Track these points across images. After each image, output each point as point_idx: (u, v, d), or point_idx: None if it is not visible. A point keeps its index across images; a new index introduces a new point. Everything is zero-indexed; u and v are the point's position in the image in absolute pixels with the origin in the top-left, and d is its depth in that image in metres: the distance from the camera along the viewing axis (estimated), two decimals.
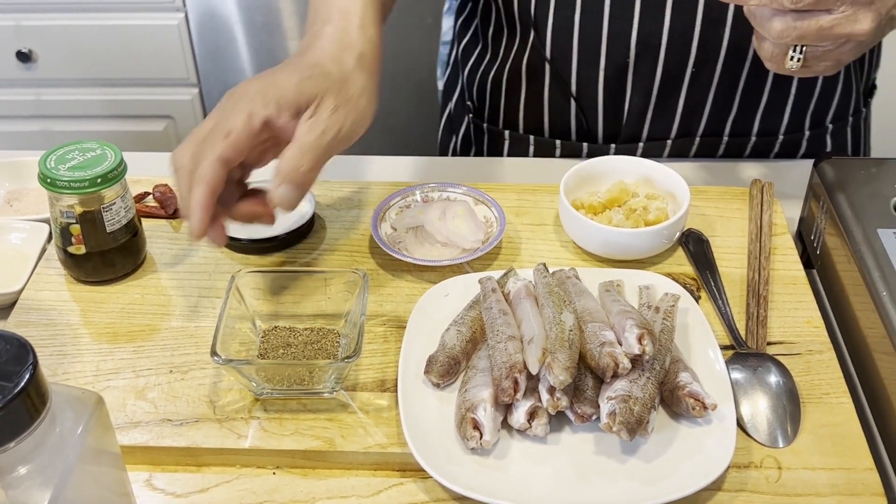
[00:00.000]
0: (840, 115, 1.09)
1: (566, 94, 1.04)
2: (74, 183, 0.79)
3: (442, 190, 0.94)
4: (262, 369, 0.73)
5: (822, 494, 0.67)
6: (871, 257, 0.78)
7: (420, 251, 0.88)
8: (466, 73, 1.15)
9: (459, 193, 0.94)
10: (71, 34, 2.05)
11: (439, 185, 0.95)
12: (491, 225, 0.91)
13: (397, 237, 0.90)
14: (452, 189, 0.94)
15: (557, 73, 1.03)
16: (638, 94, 1.02)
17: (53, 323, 0.81)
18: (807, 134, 1.08)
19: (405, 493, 0.68)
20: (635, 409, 0.67)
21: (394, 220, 0.92)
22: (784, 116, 1.05)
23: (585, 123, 1.06)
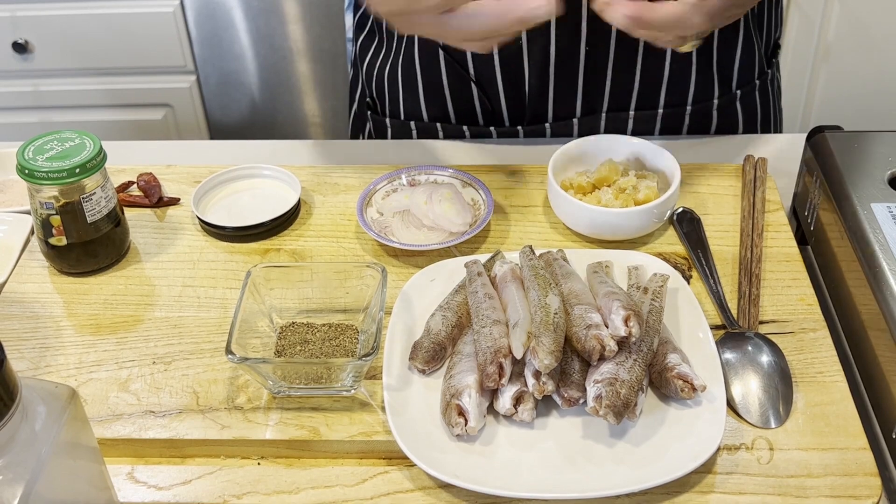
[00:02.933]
0: (746, 79, 1.07)
1: (465, 80, 1.03)
2: (53, 173, 0.78)
3: (429, 173, 0.93)
4: (279, 367, 0.71)
5: (814, 475, 0.66)
6: (866, 232, 0.76)
7: (406, 236, 0.87)
8: (365, 70, 1.13)
9: (446, 176, 0.93)
10: (67, 24, 2.04)
11: (426, 168, 0.93)
12: (479, 207, 0.89)
13: (384, 222, 0.89)
14: (439, 172, 0.93)
15: (451, 59, 1.02)
16: (535, 75, 1.01)
17: (36, 315, 0.81)
18: (716, 103, 1.06)
19: (390, 482, 0.67)
20: (622, 391, 0.66)
21: (380, 204, 0.90)
22: (689, 86, 1.04)
23: (490, 106, 1.04)
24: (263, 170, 0.94)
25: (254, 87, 2.16)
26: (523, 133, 1.06)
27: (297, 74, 2.14)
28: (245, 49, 2.10)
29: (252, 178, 0.94)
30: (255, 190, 0.93)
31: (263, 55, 2.10)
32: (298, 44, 2.09)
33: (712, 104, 1.06)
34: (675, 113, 1.06)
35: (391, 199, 0.90)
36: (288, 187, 0.93)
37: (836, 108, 1.19)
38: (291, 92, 2.17)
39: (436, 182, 0.92)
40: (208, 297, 0.82)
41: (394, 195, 0.91)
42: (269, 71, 2.13)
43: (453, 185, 0.91)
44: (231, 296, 0.82)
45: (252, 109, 2.19)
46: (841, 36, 2.06)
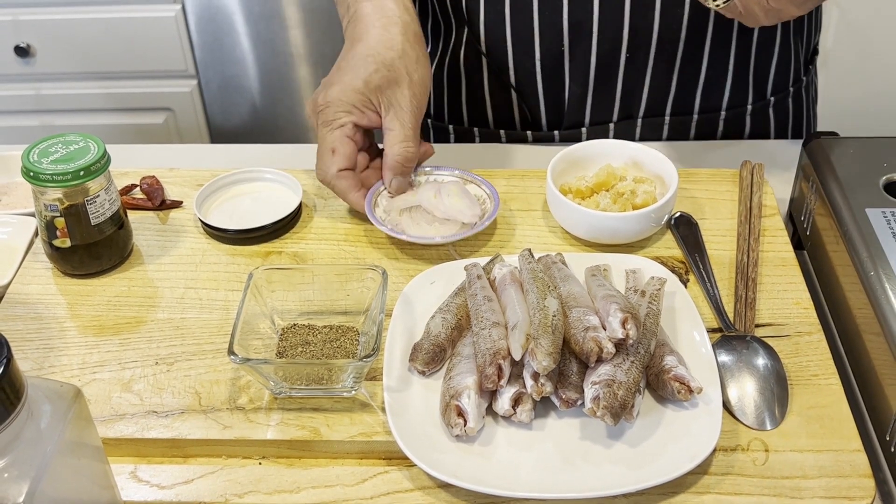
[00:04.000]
0: (781, 86, 1.09)
1: (506, 86, 1.05)
2: (57, 176, 0.78)
3: (429, 174, 0.94)
4: (281, 368, 0.72)
5: (809, 476, 0.67)
6: (861, 237, 0.77)
7: (418, 231, 0.87)
8: None
9: (448, 175, 0.93)
10: (68, 28, 2.05)
11: (426, 168, 0.94)
12: (484, 202, 0.91)
13: (393, 220, 0.89)
14: (440, 172, 0.94)
15: (494, 66, 1.04)
16: (575, 80, 1.03)
17: (40, 317, 0.81)
18: (749, 108, 1.07)
19: (390, 482, 0.68)
20: (619, 393, 0.66)
21: (385, 204, 0.91)
22: (725, 92, 1.05)
23: (528, 113, 1.06)
24: (265, 173, 0.95)
25: (255, 92, 2.16)
26: (559, 137, 1.07)
27: (298, 79, 2.15)
28: (246, 54, 2.11)
29: (254, 181, 0.95)
30: (257, 193, 0.94)
31: (264, 60, 2.11)
32: (299, 49, 2.10)
33: (746, 110, 1.07)
34: (709, 119, 1.07)
35: (397, 199, 0.91)
36: (289, 191, 0.94)
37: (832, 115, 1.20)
38: (292, 97, 2.17)
39: (438, 181, 0.93)
40: (210, 299, 0.83)
41: (399, 197, 0.91)
42: (270, 75, 2.14)
43: (458, 182, 0.92)
44: (233, 298, 0.83)
45: (253, 114, 2.20)
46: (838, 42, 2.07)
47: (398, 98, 0.86)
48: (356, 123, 0.87)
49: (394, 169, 0.88)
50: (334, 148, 0.87)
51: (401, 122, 0.86)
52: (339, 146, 0.87)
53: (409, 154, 0.87)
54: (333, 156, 0.87)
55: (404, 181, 0.89)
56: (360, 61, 0.86)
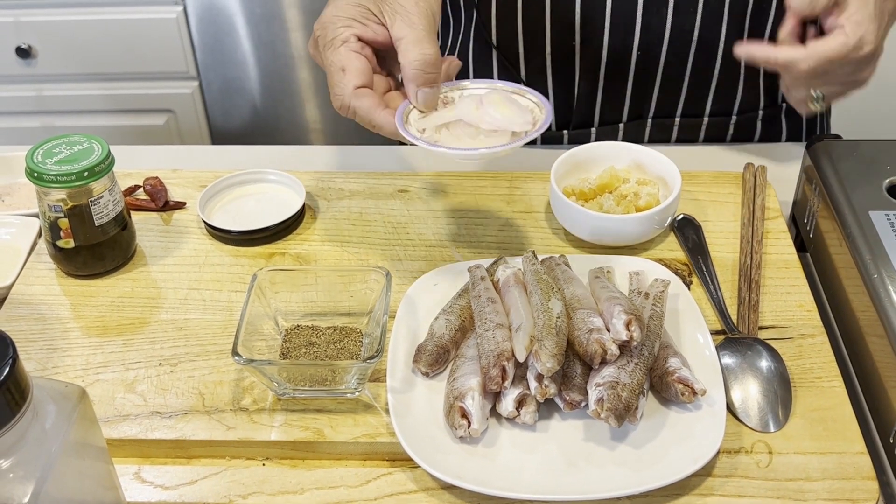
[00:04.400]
0: None
1: (516, 81, 1.04)
2: (62, 177, 0.78)
3: (461, 88, 0.80)
4: (284, 369, 0.72)
5: (813, 479, 0.67)
6: (864, 240, 0.77)
7: (461, 145, 0.74)
8: None
9: (485, 87, 0.79)
10: (70, 29, 2.05)
11: (456, 84, 0.80)
12: (533, 111, 0.78)
13: (430, 138, 0.75)
14: (476, 85, 0.80)
15: (504, 60, 1.03)
16: (585, 78, 1.02)
17: (43, 317, 0.81)
18: (760, 114, 1.07)
19: (394, 483, 0.68)
20: (623, 395, 0.66)
21: (417, 122, 0.76)
22: (736, 96, 1.05)
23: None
24: (268, 174, 0.95)
25: (256, 94, 2.16)
26: (568, 138, 1.07)
27: (299, 81, 2.15)
28: (247, 55, 2.11)
29: (257, 182, 0.95)
30: (261, 194, 0.94)
31: (265, 62, 2.11)
32: (300, 50, 2.10)
33: (757, 115, 1.07)
34: (720, 122, 1.07)
35: (431, 116, 0.77)
36: (293, 192, 0.94)
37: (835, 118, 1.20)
38: (293, 98, 2.18)
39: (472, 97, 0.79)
40: (214, 300, 0.83)
41: (432, 115, 0.77)
42: (271, 77, 2.14)
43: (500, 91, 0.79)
44: (236, 299, 0.83)
45: (254, 116, 2.20)
46: None
47: (402, 2, 0.75)
48: (360, 36, 0.76)
49: (415, 79, 0.74)
50: (343, 66, 0.75)
51: (409, 25, 0.74)
52: (347, 63, 0.75)
53: (428, 57, 0.73)
54: (345, 74, 0.74)
55: (432, 92, 0.75)
56: None
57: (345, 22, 0.76)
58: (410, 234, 0.90)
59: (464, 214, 0.92)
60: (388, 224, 0.91)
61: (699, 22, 0.99)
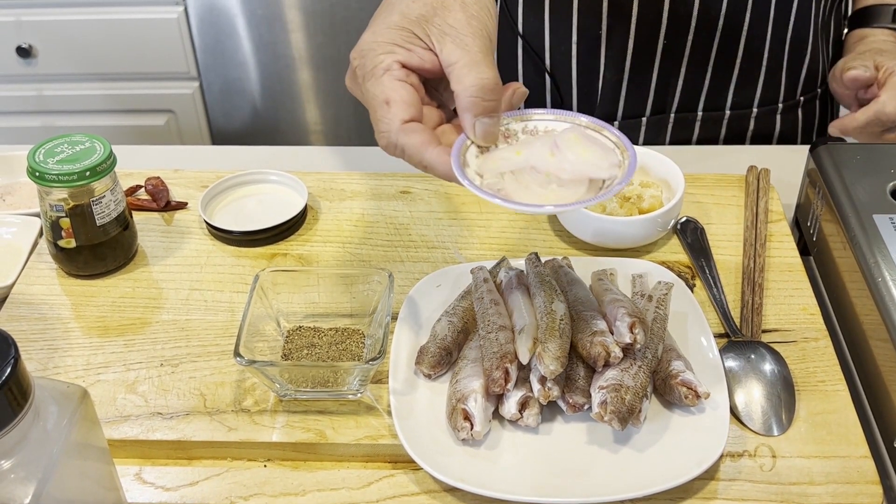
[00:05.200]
0: (811, 86, 1.10)
1: (540, 70, 1.03)
2: (63, 176, 0.78)
3: (525, 119, 0.69)
4: (286, 371, 0.72)
5: (816, 483, 0.66)
6: (867, 243, 0.77)
7: (528, 196, 0.64)
8: None
9: (553, 120, 0.69)
10: (71, 29, 2.05)
11: (520, 114, 0.69)
12: (614, 151, 0.67)
13: (493, 185, 0.65)
14: (541, 116, 0.69)
15: (530, 48, 1.03)
16: (611, 68, 1.02)
17: (44, 317, 0.81)
18: (780, 107, 1.07)
19: (396, 485, 0.68)
20: (626, 398, 0.66)
21: (477, 164, 0.66)
22: (757, 89, 1.05)
23: (560, 99, 1.05)
24: (270, 175, 0.95)
25: (256, 95, 2.16)
26: None
27: (300, 82, 2.15)
28: (248, 56, 2.10)
29: (259, 183, 0.95)
30: (262, 195, 0.94)
31: (266, 63, 2.11)
32: (301, 52, 2.10)
33: (777, 108, 1.07)
34: (740, 116, 1.07)
35: (493, 156, 0.67)
36: (295, 193, 0.93)
37: None
38: (293, 99, 2.17)
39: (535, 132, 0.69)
40: (215, 301, 0.83)
41: (494, 151, 0.67)
42: (272, 78, 2.14)
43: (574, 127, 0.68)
44: (237, 299, 0.83)
45: (254, 116, 2.20)
46: None
47: (451, 23, 0.65)
48: (404, 63, 0.65)
49: (472, 108, 0.64)
50: (387, 98, 0.64)
51: (462, 47, 0.64)
52: (391, 93, 0.64)
53: (486, 82, 0.63)
54: (390, 107, 0.64)
55: (492, 123, 0.65)
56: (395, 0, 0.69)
57: (386, 48, 0.66)
58: (413, 235, 0.90)
59: (466, 216, 0.92)
60: (391, 225, 0.91)
61: (724, 11, 0.99)
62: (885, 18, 1.01)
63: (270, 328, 0.77)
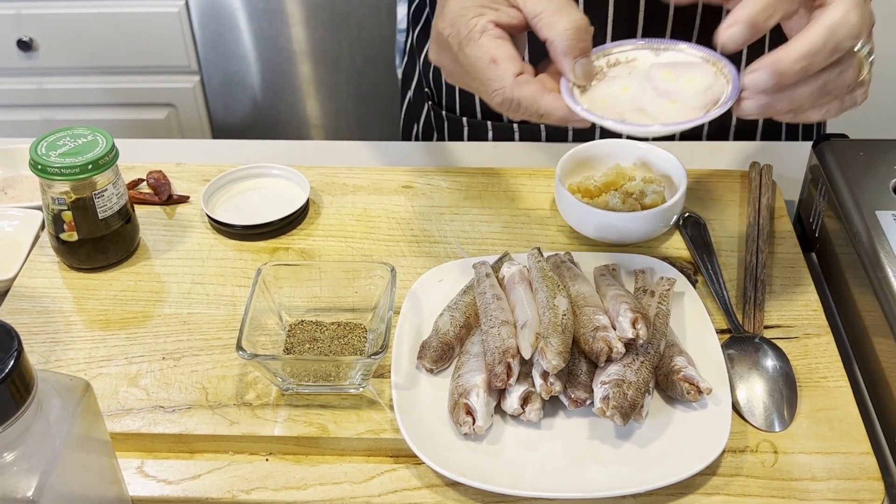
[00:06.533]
0: None
1: None
2: (66, 169, 0.78)
3: (607, 53, 0.72)
4: (288, 364, 0.72)
5: (818, 479, 0.66)
6: (870, 240, 0.77)
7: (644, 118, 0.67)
8: (422, 61, 1.14)
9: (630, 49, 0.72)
10: (71, 22, 2.04)
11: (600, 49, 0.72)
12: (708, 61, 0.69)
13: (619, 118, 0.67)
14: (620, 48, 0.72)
15: None
16: None
17: (46, 310, 0.81)
18: None
19: (398, 479, 0.68)
20: (629, 393, 0.66)
21: (586, 103, 0.68)
22: None
23: None
24: (272, 169, 0.95)
25: (257, 89, 2.16)
26: (573, 135, 1.06)
27: (301, 76, 2.14)
28: (249, 50, 2.10)
29: (261, 177, 0.95)
30: (264, 189, 0.94)
31: (267, 57, 2.11)
32: (302, 45, 2.09)
33: None
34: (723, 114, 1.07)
35: (595, 96, 0.69)
36: (297, 187, 0.93)
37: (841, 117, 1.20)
38: (294, 93, 2.17)
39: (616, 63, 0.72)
40: (217, 295, 0.83)
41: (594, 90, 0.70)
42: (273, 72, 2.14)
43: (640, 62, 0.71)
44: (239, 293, 0.83)
45: (255, 110, 2.20)
46: None
47: None
48: (496, 22, 0.68)
49: (571, 50, 0.66)
50: (493, 57, 0.67)
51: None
52: (495, 52, 0.67)
53: (579, 23, 0.66)
54: (499, 64, 0.67)
55: (588, 62, 0.68)
56: None
57: (476, 11, 0.69)
58: (415, 230, 0.90)
59: (468, 211, 0.92)
60: (393, 220, 0.91)
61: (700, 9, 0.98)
62: None
63: (272, 322, 0.77)
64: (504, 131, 1.10)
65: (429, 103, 1.16)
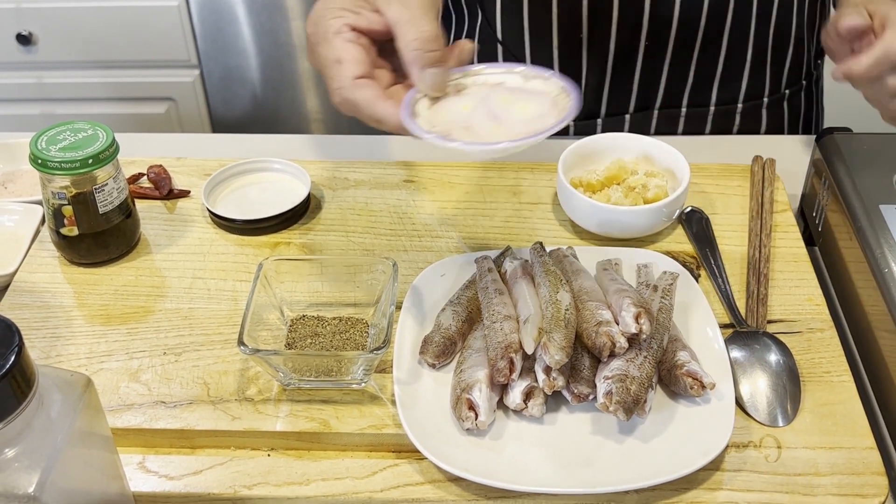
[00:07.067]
0: (795, 79, 1.09)
1: None
2: (66, 164, 0.78)
3: (476, 73, 0.73)
4: (290, 360, 0.72)
5: (822, 474, 0.66)
6: (874, 234, 0.77)
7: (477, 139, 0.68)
8: None
9: (500, 72, 0.73)
10: (71, 16, 2.04)
11: (469, 69, 0.73)
12: (558, 96, 0.71)
13: (441, 133, 0.68)
14: (490, 70, 0.73)
15: (510, 54, 1.03)
16: (593, 70, 1.02)
17: (47, 305, 0.81)
18: (766, 101, 1.07)
19: (400, 475, 0.67)
20: (632, 388, 0.66)
21: (428, 115, 0.70)
22: (742, 83, 1.05)
23: None
24: (273, 163, 0.95)
25: (257, 83, 2.15)
26: (574, 129, 1.06)
27: (301, 70, 2.14)
28: (248, 44, 2.10)
29: (262, 171, 0.95)
30: (265, 183, 0.94)
31: (267, 51, 2.10)
32: (302, 39, 2.09)
33: (762, 102, 1.07)
34: (726, 111, 1.06)
35: (442, 109, 0.70)
36: (298, 181, 0.93)
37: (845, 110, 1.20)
38: (294, 88, 2.17)
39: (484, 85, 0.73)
40: (218, 290, 0.82)
41: (444, 103, 0.71)
42: (273, 66, 2.13)
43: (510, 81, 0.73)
44: (241, 288, 0.82)
45: (255, 105, 2.19)
46: None
47: None
48: (353, 26, 0.70)
49: (417, 60, 0.68)
50: (338, 57, 0.69)
51: (404, 5, 0.69)
52: (342, 53, 0.69)
53: (426, 34, 0.68)
54: (342, 65, 0.69)
55: (439, 73, 0.69)
56: None
57: (335, 13, 0.71)
58: (416, 224, 0.89)
59: (470, 205, 0.91)
60: (394, 214, 0.91)
61: (706, 10, 0.98)
62: None
63: (274, 317, 0.76)
64: None
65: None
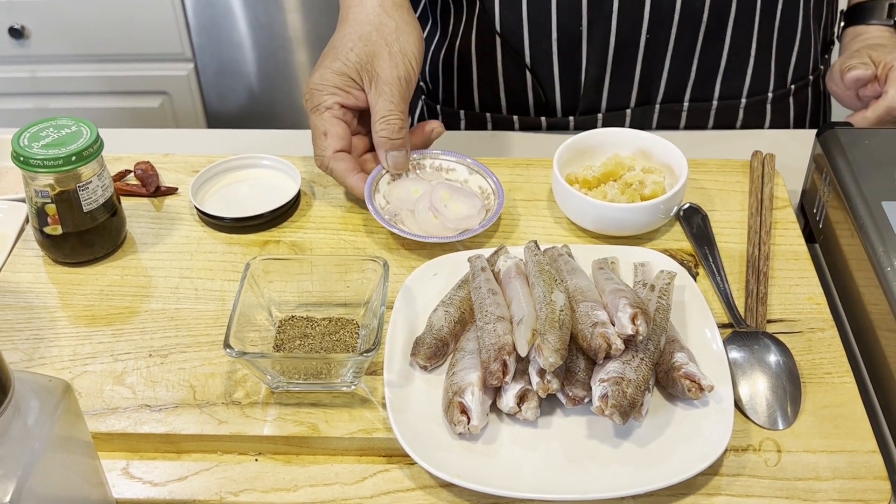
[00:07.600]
0: (801, 74, 1.07)
1: (521, 67, 1.03)
2: (49, 161, 0.76)
3: (433, 157, 0.90)
4: (278, 362, 0.70)
5: (823, 478, 0.65)
6: (876, 231, 0.75)
7: (417, 226, 0.85)
8: None
9: (453, 161, 0.90)
10: (64, 10, 2.02)
11: (428, 152, 0.91)
12: (488, 196, 0.87)
13: (392, 210, 0.86)
14: (446, 157, 0.90)
15: (509, 47, 1.02)
16: (593, 63, 1.01)
17: (30, 306, 0.79)
18: (770, 97, 1.05)
19: (391, 480, 0.66)
20: (628, 391, 0.64)
21: (387, 190, 0.87)
22: (746, 79, 1.03)
23: (543, 96, 1.04)
24: (263, 160, 0.93)
25: (252, 76, 2.14)
26: (574, 124, 1.05)
27: (296, 63, 2.12)
28: (243, 37, 2.08)
29: (251, 168, 0.93)
30: (255, 180, 0.92)
31: (262, 44, 2.09)
32: (297, 32, 2.07)
33: (766, 98, 1.06)
34: (729, 106, 1.05)
35: (399, 187, 0.88)
36: (288, 178, 0.91)
37: None
38: (290, 81, 2.15)
39: (439, 168, 0.90)
40: (206, 289, 0.81)
41: (402, 181, 0.88)
42: (268, 60, 2.11)
43: (451, 182, 0.89)
44: (229, 288, 0.81)
45: (250, 98, 2.18)
46: None
47: (378, 70, 0.85)
48: (342, 104, 0.86)
49: (382, 144, 0.85)
50: (325, 131, 0.85)
51: (381, 93, 0.84)
52: (329, 127, 0.85)
53: (393, 125, 0.84)
54: (326, 139, 0.85)
55: (400, 156, 0.86)
56: (340, 42, 0.87)
57: (329, 90, 0.86)
58: None
59: None
60: None
61: (709, 3, 0.96)
62: (880, 15, 1.00)
63: (262, 318, 0.75)
64: (503, 123, 1.08)
65: (423, 97, 1.15)
